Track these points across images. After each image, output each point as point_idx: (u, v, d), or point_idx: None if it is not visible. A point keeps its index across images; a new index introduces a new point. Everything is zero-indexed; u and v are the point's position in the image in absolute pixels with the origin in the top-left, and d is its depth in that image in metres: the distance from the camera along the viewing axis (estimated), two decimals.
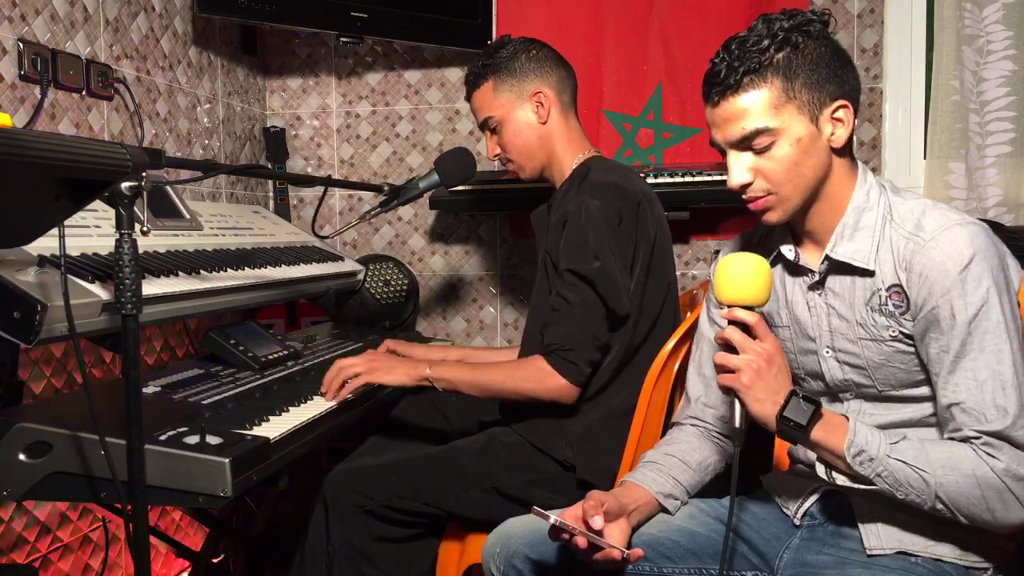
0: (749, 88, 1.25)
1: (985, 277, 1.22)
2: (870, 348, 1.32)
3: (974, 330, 1.21)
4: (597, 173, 1.78)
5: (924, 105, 2.63)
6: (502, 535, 1.40)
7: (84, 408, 1.19)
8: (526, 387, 1.72)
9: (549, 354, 1.70)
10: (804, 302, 1.39)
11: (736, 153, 1.29)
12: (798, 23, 1.26)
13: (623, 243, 1.73)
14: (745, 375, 1.21)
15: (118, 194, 1.11)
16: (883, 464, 1.22)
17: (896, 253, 1.28)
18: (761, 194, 1.30)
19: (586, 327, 1.69)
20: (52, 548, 1.93)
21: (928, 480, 1.20)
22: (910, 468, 1.21)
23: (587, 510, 1.26)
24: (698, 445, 1.49)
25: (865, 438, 1.23)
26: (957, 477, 1.20)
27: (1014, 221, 2.47)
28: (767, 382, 1.22)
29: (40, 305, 1.22)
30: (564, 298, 1.71)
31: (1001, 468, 1.19)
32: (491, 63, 1.90)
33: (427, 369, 1.75)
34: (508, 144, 1.91)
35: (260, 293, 1.92)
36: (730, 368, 1.23)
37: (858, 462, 1.22)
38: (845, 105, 1.28)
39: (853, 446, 1.22)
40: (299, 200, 3.06)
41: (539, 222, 1.94)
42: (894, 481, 1.22)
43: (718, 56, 1.28)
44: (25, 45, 1.86)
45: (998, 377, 1.21)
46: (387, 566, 1.78)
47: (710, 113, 1.31)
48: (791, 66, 1.25)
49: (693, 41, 2.70)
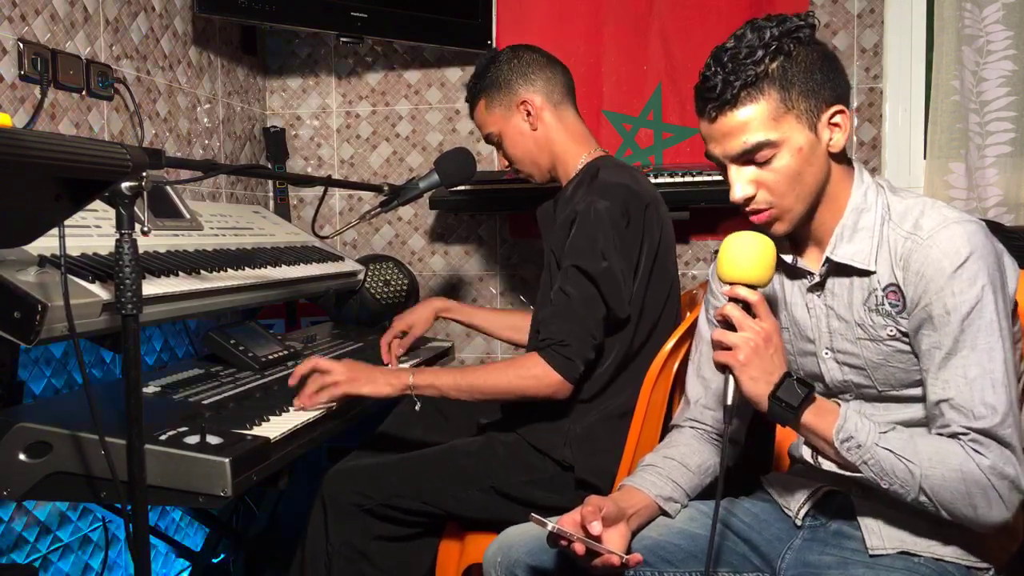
0: (747, 102, 1.24)
1: (980, 275, 1.21)
2: (869, 348, 1.32)
3: (967, 327, 1.21)
4: (607, 173, 1.79)
5: (924, 105, 2.63)
6: (503, 544, 1.40)
7: (84, 408, 1.18)
8: (519, 385, 1.69)
9: (544, 349, 1.69)
10: (803, 304, 1.39)
11: (737, 167, 1.29)
12: (788, 29, 1.25)
13: (630, 245, 1.73)
14: (742, 352, 1.22)
15: (118, 194, 1.11)
16: (870, 452, 1.22)
17: (893, 252, 1.28)
18: (764, 207, 1.29)
19: (584, 324, 1.68)
20: (52, 548, 1.93)
21: (913, 471, 1.20)
22: (896, 457, 1.21)
23: (585, 516, 1.26)
24: (697, 448, 1.49)
25: (855, 424, 1.23)
26: (943, 471, 1.20)
27: (1014, 221, 2.47)
28: (763, 361, 1.22)
29: (40, 305, 1.22)
30: (565, 293, 1.70)
31: (987, 465, 1.19)
32: (479, 82, 1.93)
33: (411, 377, 1.68)
34: (511, 155, 1.94)
35: (260, 293, 1.92)
36: (727, 345, 1.23)
37: (846, 448, 1.22)
38: (842, 110, 1.28)
39: (842, 431, 1.22)
40: (299, 200, 3.06)
41: (545, 219, 1.94)
42: (880, 470, 1.22)
43: (710, 69, 1.26)
44: (25, 45, 1.86)
45: (988, 375, 1.21)
46: (386, 566, 1.78)
47: (707, 128, 1.29)
48: (786, 75, 1.24)
49: (693, 41, 2.69)
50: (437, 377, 1.71)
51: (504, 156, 1.96)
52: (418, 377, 1.69)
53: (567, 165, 1.91)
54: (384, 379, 1.67)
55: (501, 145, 1.95)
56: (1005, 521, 1.21)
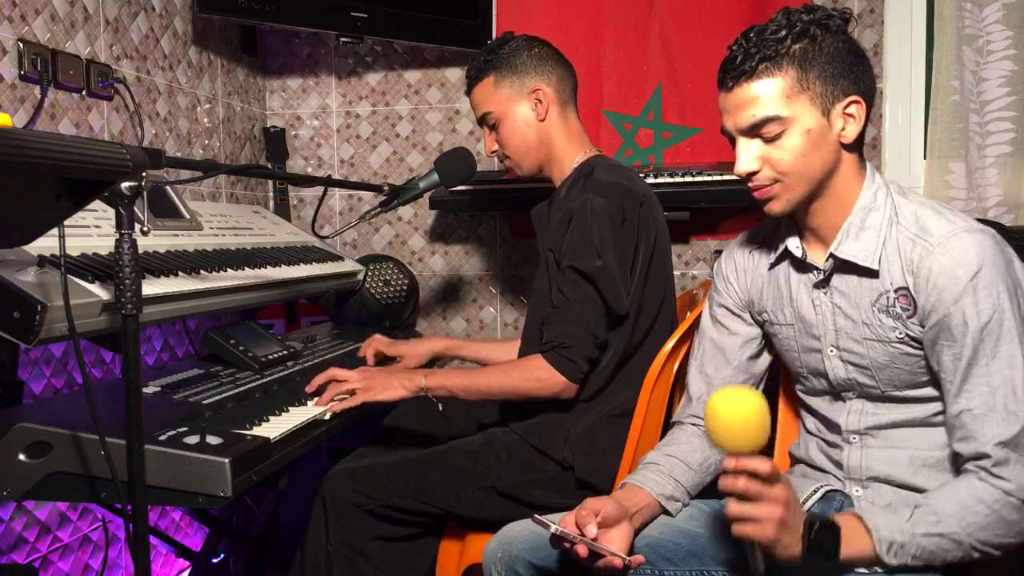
0: (764, 75, 1.26)
1: (997, 284, 1.21)
2: (875, 349, 1.32)
3: (986, 336, 1.21)
4: (601, 172, 1.79)
5: (924, 105, 2.63)
6: (503, 540, 1.40)
7: (84, 408, 1.19)
8: (524, 386, 1.71)
9: (548, 351, 1.70)
10: (809, 300, 1.39)
11: (746, 140, 1.30)
12: (818, 17, 1.28)
13: (625, 242, 1.73)
14: (770, 527, 1.14)
15: (118, 194, 1.11)
16: (915, 545, 1.19)
17: (903, 256, 1.28)
18: (767, 183, 1.30)
19: (585, 324, 1.69)
20: (52, 548, 1.93)
21: (959, 540, 1.18)
22: (937, 537, 1.19)
23: (580, 519, 1.26)
24: (699, 445, 1.48)
25: (890, 531, 1.19)
26: (979, 520, 1.18)
27: (1014, 221, 2.47)
28: (791, 527, 1.16)
29: (40, 305, 1.22)
30: (564, 295, 1.71)
31: (1013, 488, 1.18)
32: (493, 59, 1.91)
33: (423, 379, 1.72)
34: (506, 140, 1.92)
35: (260, 293, 1.92)
36: (749, 517, 1.15)
37: (892, 554, 1.19)
38: (858, 101, 1.28)
39: (882, 543, 1.19)
40: (299, 200, 3.05)
41: (539, 219, 1.94)
42: (930, 555, 1.20)
43: (736, 44, 1.29)
44: (25, 45, 1.86)
45: (1009, 383, 1.20)
46: (386, 565, 1.78)
47: (723, 99, 1.31)
48: (807, 57, 1.26)
49: (693, 41, 2.70)
50: (447, 378, 1.74)
51: (497, 140, 1.93)
52: (430, 379, 1.72)
53: (562, 164, 1.90)
54: (398, 382, 1.71)
55: (496, 128, 1.92)
56: None
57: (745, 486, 1.14)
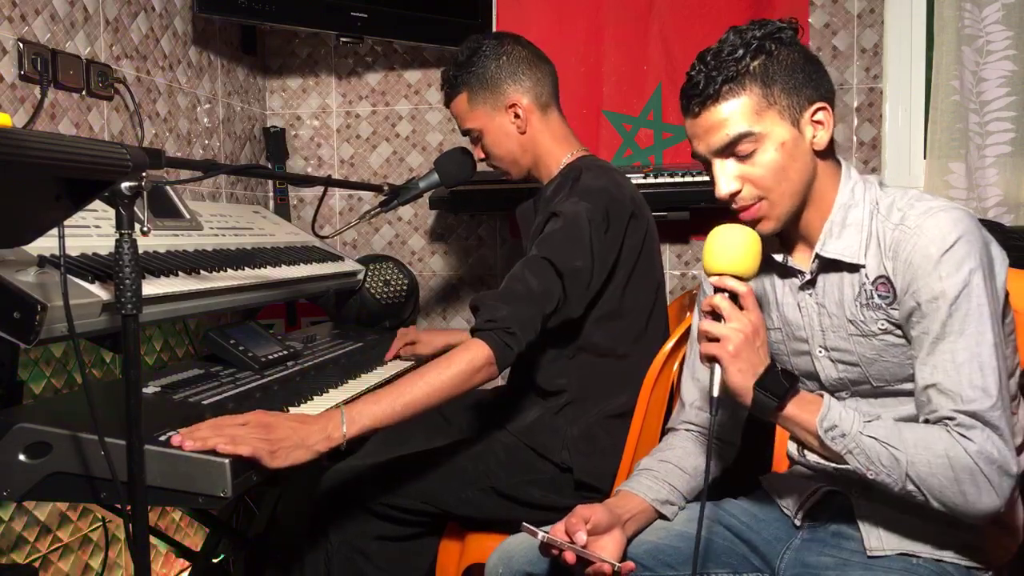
0: (729, 96, 1.26)
1: (968, 259, 1.21)
2: (862, 344, 1.32)
3: (955, 311, 1.21)
4: (589, 177, 1.77)
5: (924, 105, 2.63)
6: (504, 554, 1.40)
7: (84, 408, 1.18)
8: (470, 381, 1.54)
9: (490, 331, 1.56)
10: (795, 303, 1.39)
11: (721, 161, 1.29)
12: (769, 32, 1.28)
13: (607, 249, 1.72)
14: (731, 343, 1.21)
15: (118, 194, 1.11)
16: (855, 440, 1.21)
17: (882, 244, 1.28)
18: (752, 201, 1.29)
19: (535, 316, 1.62)
20: (52, 548, 1.93)
21: (899, 458, 1.19)
22: (881, 445, 1.20)
23: (569, 527, 1.27)
24: (693, 450, 1.48)
25: (839, 414, 1.22)
26: (929, 456, 1.18)
27: (1014, 221, 2.47)
28: (751, 353, 1.22)
29: (40, 305, 1.22)
30: (527, 280, 1.63)
31: (975, 450, 1.17)
32: (460, 74, 1.87)
33: (343, 427, 1.41)
34: (490, 152, 1.92)
35: (260, 293, 1.92)
36: (715, 336, 1.22)
37: (830, 437, 1.22)
38: (824, 107, 1.29)
39: (826, 420, 1.22)
40: (299, 200, 3.06)
41: (524, 218, 1.94)
42: (865, 459, 1.21)
43: (694, 68, 1.29)
44: (25, 45, 1.86)
45: (976, 359, 1.20)
46: (386, 565, 1.78)
47: (691, 125, 1.31)
48: (767, 72, 1.26)
49: (693, 41, 2.69)
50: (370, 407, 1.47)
51: (483, 151, 1.94)
52: (351, 417, 1.43)
53: (548, 165, 1.89)
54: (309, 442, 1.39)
55: (480, 140, 1.92)
56: (997, 509, 1.19)
57: (718, 302, 1.23)
